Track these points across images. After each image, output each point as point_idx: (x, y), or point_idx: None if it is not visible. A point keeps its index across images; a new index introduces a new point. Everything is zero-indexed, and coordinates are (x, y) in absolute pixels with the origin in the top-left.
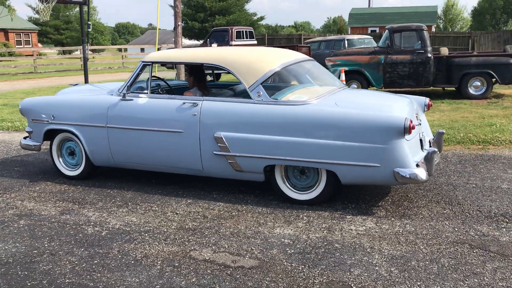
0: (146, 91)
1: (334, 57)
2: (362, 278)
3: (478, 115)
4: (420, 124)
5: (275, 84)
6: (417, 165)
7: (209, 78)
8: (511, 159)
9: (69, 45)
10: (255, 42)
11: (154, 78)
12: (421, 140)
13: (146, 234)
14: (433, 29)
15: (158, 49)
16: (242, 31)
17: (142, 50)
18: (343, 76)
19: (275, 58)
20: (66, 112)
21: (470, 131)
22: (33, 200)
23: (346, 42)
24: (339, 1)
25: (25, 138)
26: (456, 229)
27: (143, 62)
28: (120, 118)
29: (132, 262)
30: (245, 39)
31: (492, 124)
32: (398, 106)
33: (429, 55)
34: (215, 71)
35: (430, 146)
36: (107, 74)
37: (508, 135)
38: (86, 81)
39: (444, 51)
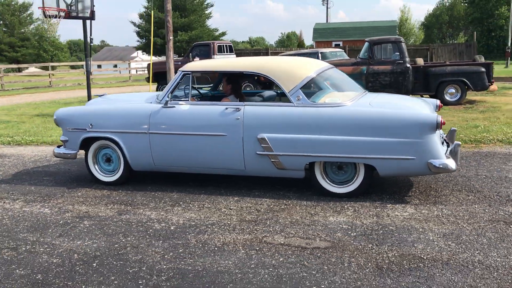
0: (185, 99)
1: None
2: (427, 251)
3: (461, 118)
4: None
5: (309, 89)
6: (448, 157)
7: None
8: (506, 154)
9: (27, 62)
10: (234, 55)
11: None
12: (441, 137)
13: (213, 226)
14: None
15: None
16: (223, 45)
17: (99, 66)
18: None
19: (311, 66)
20: (105, 121)
21: (459, 132)
22: (83, 204)
23: (320, 54)
24: (292, 17)
25: (58, 147)
26: (487, 211)
27: (183, 72)
28: (162, 124)
29: (216, 249)
30: (225, 53)
31: (477, 126)
32: (424, 107)
33: (408, 65)
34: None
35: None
36: (78, 90)
37: (495, 135)
38: (89, 96)
39: (420, 61)
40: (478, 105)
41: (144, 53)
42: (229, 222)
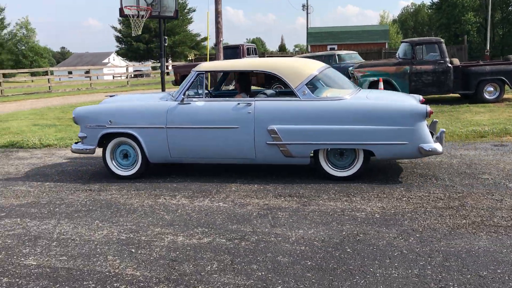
0: (200, 96)
1: (362, 68)
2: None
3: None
4: None
5: (313, 86)
6: (435, 141)
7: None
8: None
9: (3, 68)
10: (258, 57)
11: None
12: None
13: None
14: (386, 46)
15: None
16: (250, 47)
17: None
18: (381, 84)
19: (314, 65)
20: (124, 117)
21: None
22: (169, 196)
23: (336, 57)
24: (251, 24)
25: (76, 143)
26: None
27: (197, 71)
28: (179, 119)
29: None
30: (252, 55)
31: None
32: (412, 100)
33: (449, 64)
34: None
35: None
36: (84, 95)
37: None
38: None
39: (456, 61)
40: None
41: (125, 58)
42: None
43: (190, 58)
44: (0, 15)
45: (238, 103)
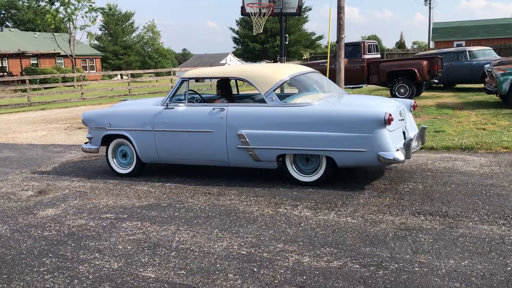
0: (184, 101)
1: (503, 66)
2: None
3: None
4: (403, 119)
5: (285, 92)
6: (397, 150)
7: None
8: None
9: (132, 68)
10: (379, 55)
11: (191, 91)
12: (404, 133)
13: None
14: None
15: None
16: (371, 44)
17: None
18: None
19: (284, 71)
20: (120, 120)
21: None
22: (290, 205)
23: (468, 53)
24: (366, 21)
25: (85, 143)
26: None
27: (182, 78)
28: (163, 123)
29: None
30: (373, 53)
31: None
32: (382, 105)
33: None
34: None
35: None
36: None
37: None
38: None
39: None
40: None
41: (241, 59)
42: None
43: (305, 57)
44: (130, 19)
45: (213, 108)
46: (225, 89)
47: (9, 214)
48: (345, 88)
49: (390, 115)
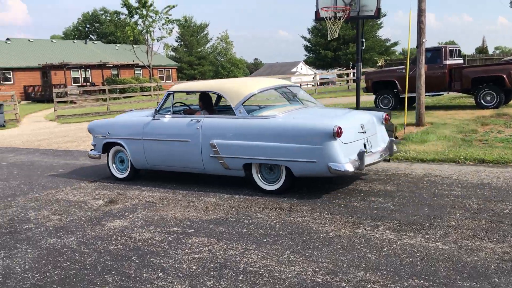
0: (169, 113)
1: None
2: None
3: None
4: (364, 132)
5: (257, 105)
6: (348, 162)
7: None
8: None
9: (205, 78)
10: (461, 61)
11: (180, 103)
12: (365, 145)
13: None
14: None
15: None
16: (454, 49)
17: None
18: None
19: (255, 85)
20: (117, 130)
21: None
22: (370, 226)
23: None
24: (443, 26)
25: (91, 150)
26: None
27: (168, 92)
28: (150, 132)
29: None
30: (455, 58)
31: None
32: (337, 117)
33: None
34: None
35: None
36: None
37: None
38: (358, 102)
39: None
40: None
41: (312, 67)
42: None
43: (380, 64)
44: (204, 30)
45: (191, 120)
46: (206, 102)
47: (78, 224)
48: (425, 96)
49: (340, 128)
